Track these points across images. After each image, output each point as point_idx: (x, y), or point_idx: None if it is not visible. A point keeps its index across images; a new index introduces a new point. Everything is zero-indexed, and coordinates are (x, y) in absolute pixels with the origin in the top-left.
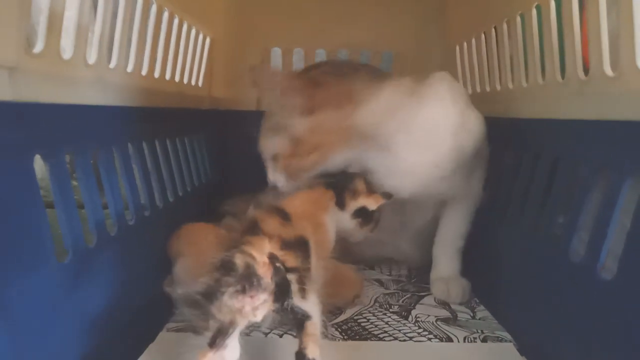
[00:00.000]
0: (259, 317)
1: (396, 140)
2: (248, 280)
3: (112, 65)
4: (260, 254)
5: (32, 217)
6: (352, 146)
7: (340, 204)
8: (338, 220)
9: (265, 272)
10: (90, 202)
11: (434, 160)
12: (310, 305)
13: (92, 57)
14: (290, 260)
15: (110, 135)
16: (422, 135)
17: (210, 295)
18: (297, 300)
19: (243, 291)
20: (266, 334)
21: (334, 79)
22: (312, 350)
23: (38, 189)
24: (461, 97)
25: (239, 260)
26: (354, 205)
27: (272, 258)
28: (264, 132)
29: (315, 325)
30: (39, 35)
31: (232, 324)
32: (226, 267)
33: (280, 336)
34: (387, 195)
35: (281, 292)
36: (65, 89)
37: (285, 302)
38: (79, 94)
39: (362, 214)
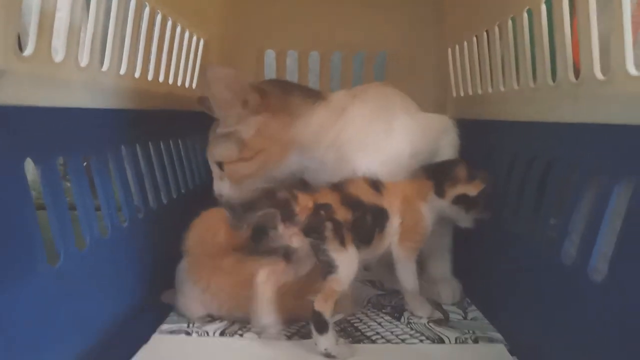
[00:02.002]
0: (295, 244)
1: (328, 156)
2: (283, 210)
3: (104, 67)
4: (307, 199)
5: (23, 222)
6: (293, 156)
7: (439, 193)
8: (440, 209)
9: (301, 212)
10: (83, 206)
11: (364, 170)
12: (343, 259)
13: (84, 60)
14: (342, 214)
15: (103, 138)
16: (346, 152)
17: (248, 206)
18: (331, 248)
19: (282, 219)
20: (259, 335)
21: (277, 92)
22: (320, 304)
23: (29, 192)
24: (386, 111)
25: (281, 194)
26: (452, 192)
27: (319, 207)
28: (212, 139)
29: (337, 281)
30: (30, 37)
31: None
32: (268, 195)
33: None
34: (487, 179)
35: (311, 231)
36: (56, 91)
37: (314, 241)
38: (71, 97)
39: (463, 200)
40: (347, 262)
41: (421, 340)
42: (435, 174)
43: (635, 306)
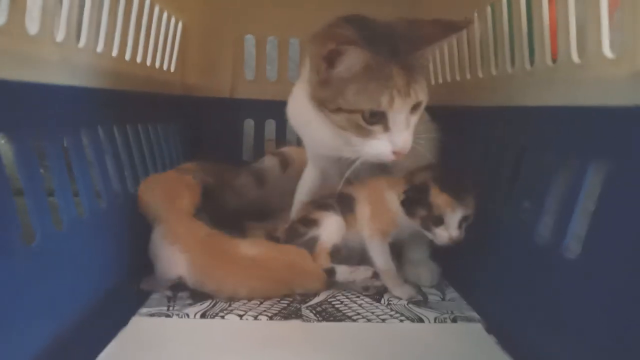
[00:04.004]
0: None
1: None
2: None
3: (81, 44)
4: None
5: None
6: None
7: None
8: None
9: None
10: (60, 184)
11: None
12: (322, 230)
13: (60, 35)
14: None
15: (78, 117)
16: None
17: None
18: (308, 237)
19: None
20: (240, 316)
21: None
22: (323, 262)
23: (2, 167)
24: None
25: None
26: (400, 189)
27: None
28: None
29: (324, 243)
30: (2, 7)
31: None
32: None
33: (255, 318)
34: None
35: (290, 241)
36: (31, 66)
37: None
38: (46, 73)
39: (404, 203)
40: (325, 229)
41: (401, 320)
42: (409, 174)
43: (607, 283)
